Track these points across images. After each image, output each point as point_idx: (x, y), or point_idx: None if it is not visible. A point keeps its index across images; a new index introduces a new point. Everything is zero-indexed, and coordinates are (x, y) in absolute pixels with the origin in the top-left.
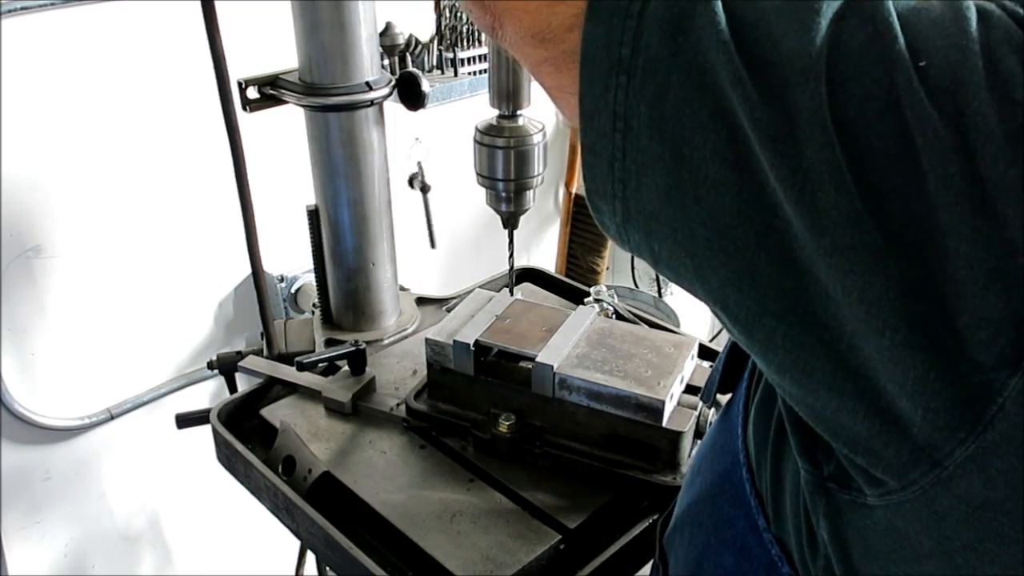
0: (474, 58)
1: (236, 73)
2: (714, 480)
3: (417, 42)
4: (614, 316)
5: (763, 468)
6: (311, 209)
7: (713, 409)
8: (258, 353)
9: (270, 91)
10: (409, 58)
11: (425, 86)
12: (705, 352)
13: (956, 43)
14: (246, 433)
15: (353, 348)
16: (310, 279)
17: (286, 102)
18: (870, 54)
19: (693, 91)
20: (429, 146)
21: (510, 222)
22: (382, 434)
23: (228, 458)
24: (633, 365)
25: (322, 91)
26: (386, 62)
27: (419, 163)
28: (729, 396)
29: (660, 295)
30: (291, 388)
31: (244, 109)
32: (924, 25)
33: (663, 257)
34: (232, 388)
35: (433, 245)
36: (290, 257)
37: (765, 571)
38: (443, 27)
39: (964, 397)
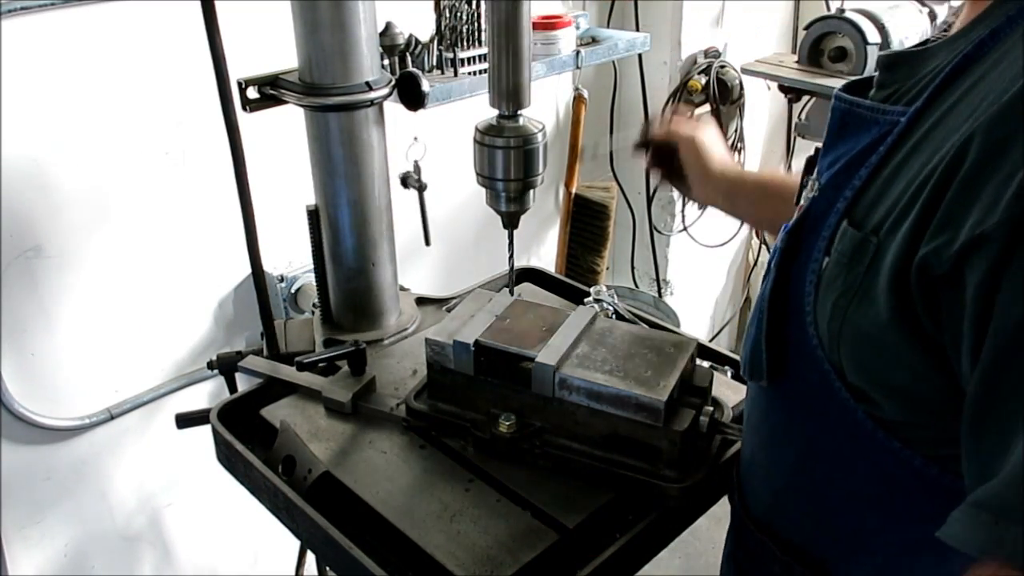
0: (474, 58)
1: (236, 73)
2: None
3: (417, 42)
4: (614, 316)
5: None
6: (311, 209)
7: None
8: (258, 353)
9: (270, 91)
10: (409, 58)
11: (425, 86)
12: (705, 352)
13: None
14: (246, 433)
15: (353, 348)
16: (310, 279)
17: (286, 102)
18: None
19: None
20: (425, 144)
21: (510, 222)
22: (382, 434)
23: (228, 458)
24: (633, 365)
25: (322, 91)
26: (386, 62)
27: (416, 161)
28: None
29: (660, 295)
30: (291, 388)
31: (244, 109)
32: None
33: None
34: (232, 388)
35: (428, 243)
36: (290, 257)
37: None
38: (443, 27)
39: None
